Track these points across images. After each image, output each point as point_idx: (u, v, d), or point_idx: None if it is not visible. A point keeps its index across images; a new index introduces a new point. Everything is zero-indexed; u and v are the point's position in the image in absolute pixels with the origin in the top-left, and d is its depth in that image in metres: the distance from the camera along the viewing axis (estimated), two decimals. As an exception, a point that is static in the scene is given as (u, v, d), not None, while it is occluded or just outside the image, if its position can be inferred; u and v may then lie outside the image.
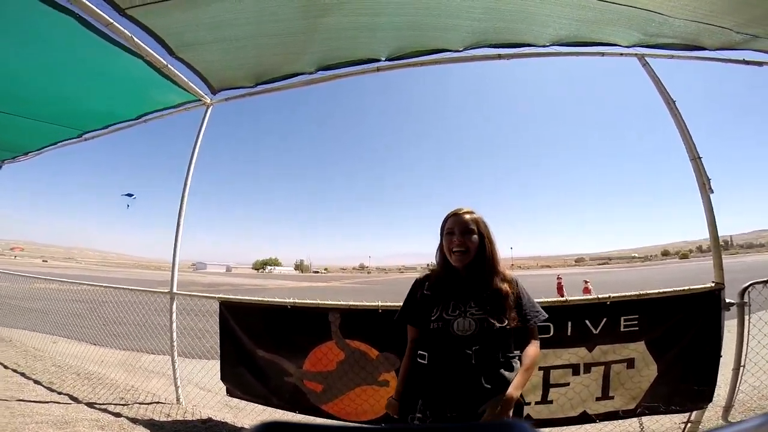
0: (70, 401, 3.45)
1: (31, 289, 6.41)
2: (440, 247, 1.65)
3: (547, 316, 1.63)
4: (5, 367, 4.26)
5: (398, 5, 2.27)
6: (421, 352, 1.58)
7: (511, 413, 1.34)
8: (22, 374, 4.09)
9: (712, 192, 2.58)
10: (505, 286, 1.54)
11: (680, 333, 2.49)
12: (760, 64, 2.92)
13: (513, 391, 1.36)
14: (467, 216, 1.59)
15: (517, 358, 1.51)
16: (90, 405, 3.37)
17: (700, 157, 2.67)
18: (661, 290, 2.51)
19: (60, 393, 3.64)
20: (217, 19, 2.34)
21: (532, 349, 1.52)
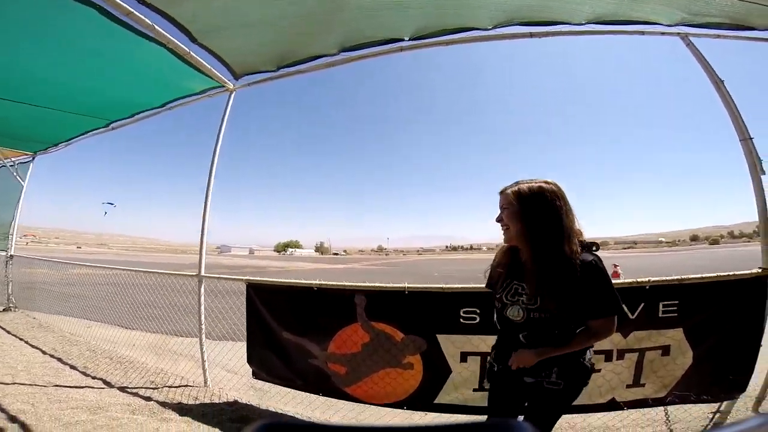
0: (104, 386, 3.57)
1: (67, 275, 6.68)
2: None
3: (613, 313, 1.40)
4: (44, 353, 4.44)
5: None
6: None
7: (523, 363, 1.44)
8: (59, 359, 4.25)
9: (764, 173, 2.42)
10: (561, 272, 1.35)
11: (721, 320, 2.38)
12: None
13: (534, 352, 1.42)
14: (504, 193, 1.53)
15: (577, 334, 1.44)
16: (122, 389, 3.48)
17: (751, 138, 2.51)
18: (703, 275, 2.39)
19: (94, 378, 3.77)
20: (238, 3, 2.31)
21: (585, 335, 1.42)
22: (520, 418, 1.55)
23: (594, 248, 1.47)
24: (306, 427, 0.29)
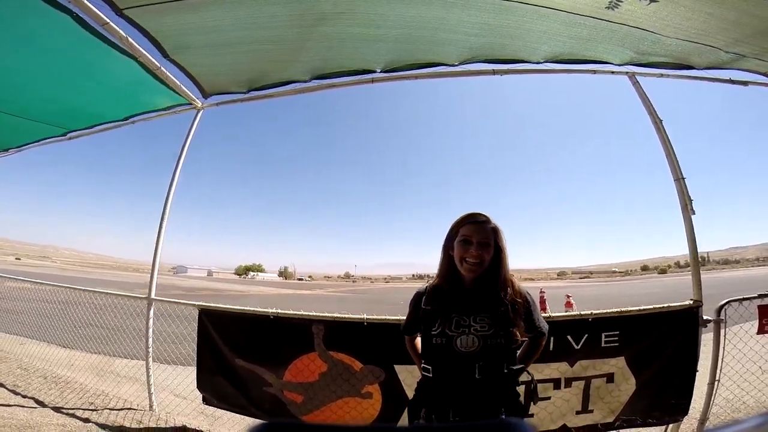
0: (36, 405, 3.34)
1: (1, 288, 6.17)
2: (446, 254, 1.55)
3: (548, 327, 1.66)
4: (-34, 369, 4.08)
5: (395, 18, 2.30)
6: (426, 366, 1.53)
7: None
8: (-16, 376, 3.92)
9: (694, 213, 2.64)
10: (515, 300, 1.48)
11: (659, 349, 2.56)
12: (745, 83, 3.00)
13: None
14: (485, 225, 1.48)
15: (521, 369, 1.55)
16: (57, 409, 3.27)
17: (683, 178, 2.74)
18: (641, 307, 2.58)
19: (25, 396, 3.52)
20: (213, 23, 2.33)
21: (532, 351, 1.65)
22: None
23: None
24: (306, 427, 0.30)
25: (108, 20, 2.27)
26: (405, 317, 1.76)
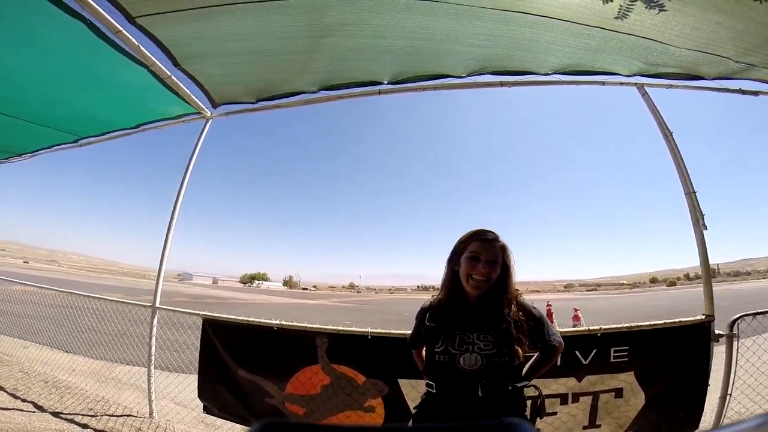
0: (35, 409, 3.33)
1: (6, 291, 6.23)
2: (451, 269, 1.53)
3: (562, 341, 1.61)
4: (-35, 370, 4.10)
5: (402, 29, 2.31)
6: (429, 382, 1.52)
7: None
8: (-16, 379, 3.93)
9: (706, 228, 2.58)
10: (519, 317, 1.46)
11: (669, 363, 2.50)
12: (756, 93, 2.94)
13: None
14: (494, 243, 1.48)
15: (526, 385, 1.51)
16: (55, 414, 3.25)
17: (694, 192, 2.68)
18: (651, 322, 2.53)
19: (24, 400, 3.52)
20: (223, 33, 2.36)
21: (545, 361, 1.61)
22: None
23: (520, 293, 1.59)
24: (306, 427, 0.30)
25: (121, 28, 2.30)
26: (411, 331, 1.76)
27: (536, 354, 1.60)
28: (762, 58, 2.43)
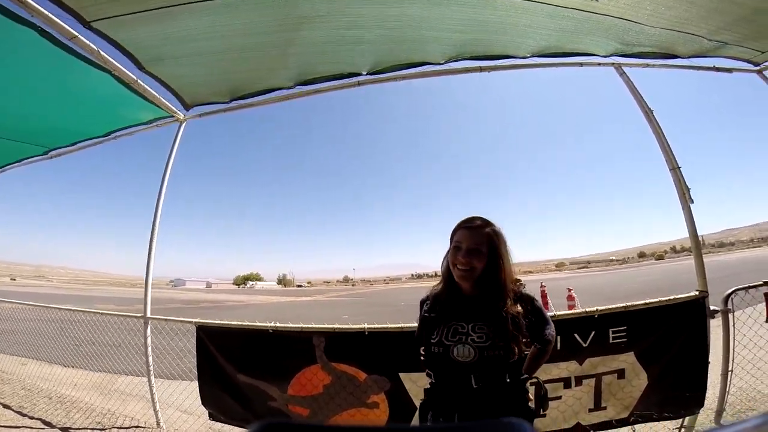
0: (44, 426, 3.31)
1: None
2: (446, 258, 1.51)
3: (554, 333, 1.57)
4: (-32, 392, 4.03)
5: (377, 18, 2.24)
6: (429, 371, 1.52)
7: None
8: (-11, 399, 3.88)
9: (692, 202, 2.58)
10: (515, 309, 1.40)
11: (668, 342, 2.50)
12: (729, 70, 3.02)
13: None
14: (479, 231, 1.43)
15: (527, 379, 1.50)
16: (64, 430, 3.25)
17: (679, 167, 2.68)
18: (646, 301, 2.52)
19: (32, 418, 3.50)
20: (188, 33, 2.25)
21: (539, 358, 1.58)
22: None
23: (522, 285, 1.54)
24: (306, 427, 0.30)
25: (77, 33, 2.17)
26: (414, 327, 1.76)
27: (532, 350, 1.56)
28: (734, 35, 2.47)
